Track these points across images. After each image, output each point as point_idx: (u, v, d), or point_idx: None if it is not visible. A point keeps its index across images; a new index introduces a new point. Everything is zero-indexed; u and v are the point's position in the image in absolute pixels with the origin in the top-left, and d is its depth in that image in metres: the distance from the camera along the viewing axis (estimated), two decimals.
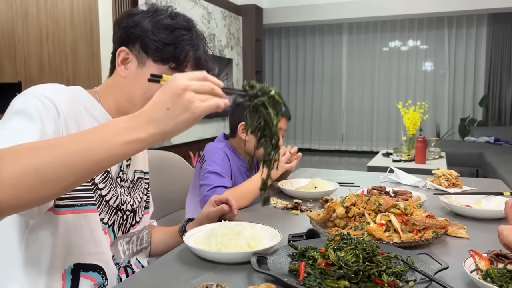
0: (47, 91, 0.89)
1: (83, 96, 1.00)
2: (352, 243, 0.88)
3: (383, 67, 8.54)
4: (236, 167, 1.64)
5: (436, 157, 4.21)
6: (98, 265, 1.00)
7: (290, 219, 1.35)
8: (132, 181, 1.15)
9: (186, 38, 1.01)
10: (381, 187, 1.52)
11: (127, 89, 1.02)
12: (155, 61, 1.00)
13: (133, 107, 1.00)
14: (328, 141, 9.02)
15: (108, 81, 1.07)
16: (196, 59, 1.03)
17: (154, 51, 0.99)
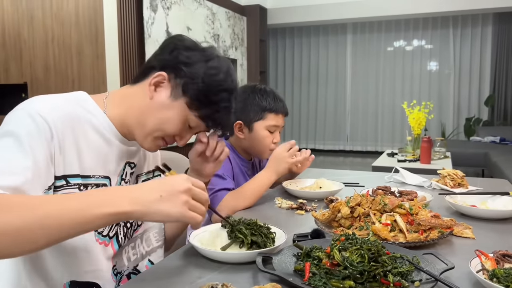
0: (44, 109, 0.87)
1: (86, 105, 0.98)
2: (357, 243, 0.88)
3: (387, 67, 8.52)
4: (237, 167, 1.64)
5: (441, 157, 4.20)
6: (95, 282, 0.99)
7: (295, 219, 1.35)
8: None
9: (227, 105, 1.01)
10: (386, 187, 1.52)
11: (144, 110, 0.99)
12: (189, 106, 0.99)
13: (139, 129, 1.01)
14: (332, 141, 9.01)
15: (128, 89, 1.04)
16: (224, 121, 1.05)
17: (194, 99, 0.98)
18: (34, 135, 0.84)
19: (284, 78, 9.20)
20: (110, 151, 1.01)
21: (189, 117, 1.00)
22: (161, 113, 0.99)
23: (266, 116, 1.61)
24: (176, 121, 0.99)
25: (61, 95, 0.96)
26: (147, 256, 1.16)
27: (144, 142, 1.02)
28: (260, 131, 1.61)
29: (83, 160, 0.95)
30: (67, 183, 0.91)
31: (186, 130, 1.03)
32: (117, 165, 1.04)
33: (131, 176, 1.10)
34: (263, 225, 1.02)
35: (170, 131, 1.00)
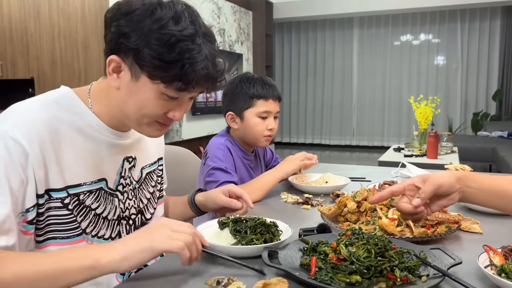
0: (14, 129, 0.82)
1: (69, 105, 0.91)
2: (363, 238, 0.87)
3: (394, 62, 8.45)
4: (239, 160, 1.63)
5: (448, 152, 4.17)
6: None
7: (301, 213, 1.34)
8: (139, 181, 1.09)
9: (194, 54, 0.83)
10: (393, 182, 1.51)
11: (120, 100, 0.91)
12: (151, 78, 0.85)
13: (128, 120, 0.94)
14: (338, 136, 8.98)
15: (103, 81, 0.96)
16: (205, 74, 0.86)
17: (151, 69, 0.83)
18: (7, 163, 0.80)
19: (290, 72, 9.17)
20: (102, 151, 0.96)
21: (161, 90, 0.86)
22: (134, 99, 0.89)
23: (255, 103, 1.59)
24: (151, 101, 0.88)
25: (38, 98, 0.90)
26: None
27: (142, 131, 0.96)
28: (251, 119, 1.60)
29: (69, 170, 0.90)
30: (49, 197, 0.88)
31: (171, 102, 0.90)
32: (114, 163, 1.00)
33: (130, 171, 1.05)
34: (270, 223, 1.01)
35: (152, 112, 0.90)
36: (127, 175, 1.04)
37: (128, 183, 1.04)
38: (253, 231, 0.97)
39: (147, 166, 1.13)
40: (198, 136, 5.50)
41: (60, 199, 0.89)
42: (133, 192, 1.07)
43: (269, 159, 1.89)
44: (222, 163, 1.51)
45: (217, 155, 1.53)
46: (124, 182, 1.03)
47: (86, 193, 0.94)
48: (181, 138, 5.17)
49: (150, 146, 1.14)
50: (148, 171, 1.14)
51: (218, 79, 0.92)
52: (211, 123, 5.76)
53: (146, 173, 1.12)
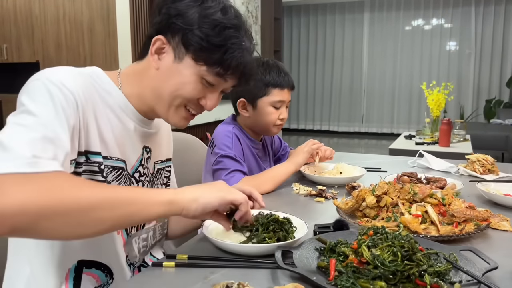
0: (67, 80, 0.81)
1: (101, 82, 0.91)
2: (388, 239, 0.79)
3: (405, 47, 8.26)
4: (247, 148, 1.55)
5: (461, 140, 4.09)
6: (104, 263, 0.93)
7: (314, 207, 1.26)
8: (153, 174, 1.07)
9: (237, 42, 0.89)
10: (412, 173, 1.42)
11: (156, 82, 0.92)
12: (195, 60, 0.89)
13: (159, 102, 0.93)
14: (347, 123, 8.85)
15: (136, 65, 0.97)
16: (243, 64, 0.92)
17: (197, 49, 0.88)
18: (64, 104, 0.79)
19: (298, 57, 9.01)
20: (126, 133, 0.95)
21: (202, 73, 0.90)
22: (173, 79, 0.91)
23: (270, 91, 1.51)
24: (190, 82, 0.90)
25: (75, 68, 0.89)
26: (151, 249, 1.10)
27: (169, 116, 0.95)
28: (264, 108, 1.51)
29: (102, 137, 0.89)
30: (87, 160, 0.86)
31: (207, 89, 0.93)
32: (135, 148, 0.98)
33: (148, 161, 1.04)
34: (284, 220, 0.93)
35: (188, 95, 0.92)
36: (145, 165, 1.02)
37: (145, 173, 1.02)
38: (265, 229, 0.89)
39: (159, 162, 1.10)
40: (204, 122, 5.42)
41: (98, 163, 0.88)
42: (149, 185, 1.04)
43: (277, 148, 1.80)
44: (231, 151, 1.43)
45: (225, 143, 1.45)
46: (142, 171, 1.00)
47: (109, 168, 0.91)
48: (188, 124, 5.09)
49: (163, 143, 1.12)
50: (159, 168, 1.11)
51: (252, 73, 0.97)
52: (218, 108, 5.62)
53: (157, 168, 1.10)
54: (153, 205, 0.76)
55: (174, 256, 0.88)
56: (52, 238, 0.75)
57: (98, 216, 0.69)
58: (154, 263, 0.86)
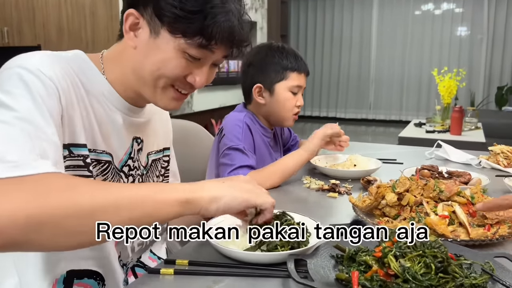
0: (44, 66, 0.71)
1: (82, 67, 0.81)
2: (416, 246, 0.69)
3: (415, 32, 8.06)
4: (259, 138, 1.45)
5: (472, 128, 4.00)
6: (96, 270, 0.84)
7: (327, 203, 1.16)
8: (146, 167, 0.98)
9: (217, 4, 0.76)
10: (433, 166, 1.31)
11: (135, 63, 0.82)
12: (172, 32, 0.77)
13: (142, 85, 0.83)
14: (355, 109, 8.70)
15: (117, 46, 0.87)
16: (229, 30, 0.78)
17: (172, 20, 0.76)
18: (43, 94, 0.69)
19: (305, 42, 8.83)
20: (112, 124, 0.85)
21: (182, 47, 0.78)
22: (152, 57, 0.79)
23: (289, 75, 1.42)
24: (171, 59, 0.79)
25: (53, 52, 0.79)
26: (150, 246, 1.01)
27: (156, 99, 0.84)
28: (282, 93, 1.42)
29: (86, 128, 0.80)
30: (70, 153, 0.77)
31: (192, 64, 0.81)
32: (122, 140, 0.88)
33: (138, 153, 0.94)
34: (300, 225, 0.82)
35: (171, 73, 0.80)
36: (135, 157, 0.92)
37: (136, 167, 0.93)
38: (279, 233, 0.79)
39: (153, 153, 1.00)
40: (209, 108, 5.32)
41: (83, 157, 0.79)
42: (141, 179, 0.95)
43: (287, 138, 1.69)
44: (240, 143, 1.32)
45: (234, 133, 1.35)
46: (131, 164, 0.91)
47: (93, 161, 0.82)
48: (192, 110, 5.00)
49: (158, 132, 1.02)
50: (154, 159, 1.01)
51: (243, 39, 0.83)
52: (223, 94, 5.57)
53: (152, 160, 1.00)
54: (166, 205, 0.67)
55: (173, 261, 0.79)
56: (49, 249, 0.65)
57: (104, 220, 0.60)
58: (151, 270, 0.76)
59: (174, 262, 0.78)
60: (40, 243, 0.58)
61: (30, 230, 0.55)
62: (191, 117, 4.71)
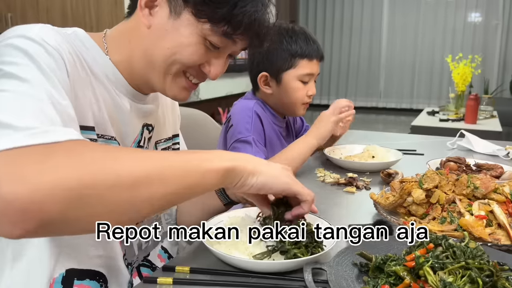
0: (47, 36, 0.63)
1: (84, 46, 0.73)
2: (455, 255, 0.58)
3: (427, 18, 7.83)
4: (270, 128, 1.34)
5: (488, 116, 3.89)
6: (99, 271, 0.75)
7: (344, 199, 1.05)
8: None
9: None
10: (460, 159, 1.19)
11: (147, 44, 0.73)
12: (197, 16, 0.70)
13: (152, 70, 0.75)
14: (365, 98, 8.53)
15: (123, 25, 0.78)
16: (258, 22, 0.72)
17: (198, 2, 0.69)
18: (52, 65, 0.61)
19: (315, 28, 8.64)
20: (118, 109, 0.77)
21: (205, 33, 0.71)
22: (168, 40, 0.71)
23: (298, 63, 1.28)
24: (189, 44, 0.71)
25: (49, 25, 0.69)
26: (160, 242, 0.93)
27: (166, 87, 0.77)
28: (291, 83, 1.29)
29: (93, 111, 0.72)
30: None
31: (211, 53, 0.74)
32: (131, 128, 0.80)
33: (148, 142, 0.85)
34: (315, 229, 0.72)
35: (188, 60, 0.73)
36: (145, 146, 0.85)
37: None
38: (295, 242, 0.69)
39: (162, 141, 0.92)
40: (216, 96, 5.22)
41: (91, 140, 0.69)
42: None
43: (299, 127, 1.58)
44: (249, 134, 1.21)
45: (243, 124, 1.24)
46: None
47: None
48: (198, 98, 4.89)
49: (167, 118, 0.94)
50: (163, 147, 0.92)
51: (267, 32, 0.76)
52: (230, 82, 5.45)
53: (161, 149, 0.91)
54: (213, 174, 0.60)
55: (172, 268, 0.69)
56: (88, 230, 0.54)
57: (146, 194, 0.53)
58: (147, 278, 0.67)
59: (173, 269, 0.69)
60: (79, 221, 0.50)
61: (71, 206, 0.47)
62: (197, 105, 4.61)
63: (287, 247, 0.66)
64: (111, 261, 0.78)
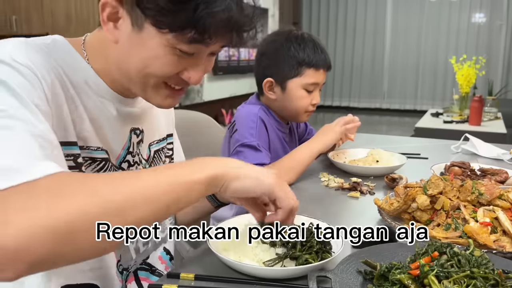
0: (18, 55, 0.62)
1: (64, 55, 0.71)
2: (460, 263, 0.58)
3: (431, 19, 7.79)
4: (274, 133, 1.34)
5: (492, 118, 3.89)
6: (94, 284, 0.75)
7: (348, 204, 1.05)
8: (148, 159, 0.89)
9: None
10: (464, 163, 1.19)
11: (118, 57, 0.71)
12: (157, 26, 0.65)
13: (130, 83, 0.73)
14: (368, 99, 8.51)
15: (98, 33, 0.75)
16: (227, 20, 0.65)
17: (155, 13, 0.63)
18: (30, 89, 0.60)
19: (318, 29, 8.63)
20: (104, 117, 0.76)
21: (171, 43, 0.66)
22: (137, 54, 0.68)
23: (304, 71, 1.28)
24: (159, 57, 0.67)
25: (23, 39, 0.68)
26: (162, 244, 0.92)
27: (148, 97, 0.75)
28: (295, 91, 1.29)
29: (75, 124, 0.71)
30: None
31: (185, 60, 0.69)
32: (118, 134, 0.79)
33: (138, 146, 0.84)
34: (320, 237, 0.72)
35: (161, 71, 0.69)
36: (135, 151, 0.84)
37: (137, 162, 0.84)
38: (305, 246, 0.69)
39: (155, 143, 0.91)
40: (219, 97, 5.22)
41: (73, 156, 0.70)
42: None
43: (302, 131, 1.58)
44: (254, 139, 1.22)
45: (248, 129, 1.24)
46: (131, 160, 0.83)
47: (87, 160, 0.74)
48: (202, 100, 4.90)
49: (159, 119, 0.93)
50: (156, 149, 0.91)
51: (245, 27, 0.70)
52: (234, 83, 5.45)
53: (154, 150, 0.90)
54: (193, 186, 0.59)
55: (177, 274, 0.69)
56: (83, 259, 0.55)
57: (133, 218, 0.53)
58: (152, 285, 0.67)
59: (178, 276, 0.69)
60: (71, 255, 0.50)
61: (58, 244, 0.47)
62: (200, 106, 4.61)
63: (298, 253, 0.66)
64: (105, 271, 0.77)
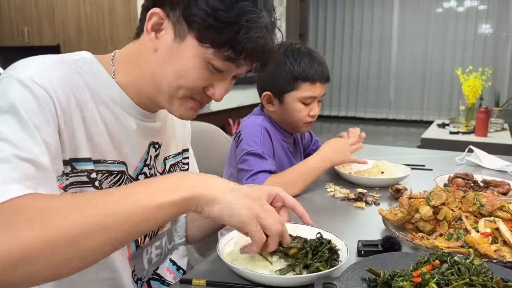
0: (39, 76, 0.66)
1: (90, 71, 0.75)
2: (460, 271, 0.61)
3: (437, 30, 7.84)
4: (278, 143, 1.37)
5: (499, 129, 3.89)
6: None
7: (353, 214, 1.08)
8: (163, 173, 0.92)
9: (253, 18, 0.70)
10: (467, 175, 1.22)
11: (154, 67, 0.76)
12: (200, 40, 0.71)
13: (158, 94, 0.77)
14: (374, 109, 8.53)
15: (132, 47, 0.80)
16: (262, 47, 0.73)
17: (202, 27, 0.70)
18: (37, 112, 0.64)
19: (324, 40, 8.70)
20: (123, 131, 0.79)
21: (207, 57, 0.72)
22: (173, 64, 0.73)
23: (300, 85, 1.29)
24: (193, 69, 0.73)
25: (54, 56, 0.73)
26: (168, 255, 0.95)
27: (173, 109, 0.79)
28: (292, 104, 1.31)
29: (92, 139, 0.74)
30: (72, 169, 0.72)
31: (214, 76, 0.76)
32: (137, 147, 0.82)
33: (155, 159, 0.88)
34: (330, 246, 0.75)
35: (192, 83, 0.75)
36: (152, 164, 0.87)
37: (152, 174, 0.88)
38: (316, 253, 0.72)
39: (171, 157, 0.94)
40: (227, 108, 5.27)
41: (87, 172, 0.73)
42: None
43: (307, 142, 1.61)
44: (259, 148, 1.25)
45: (253, 138, 1.27)
46: (148, 172, 0.86)
47: (104, 173, 0.77)
48: (209, 110, 4.95)
49: (176, 134, 0.96)
50: (172, 163, 0.95)
51: (271, 56, 0.77)
52: (240, 94, 5.50)
53: (170, 165, 0.94)
54: (161, 208, 0.58)
55: (189, 280, 0.72)
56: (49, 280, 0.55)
57: (85, 247, 0.53)
58: None
59: (190, 281, 0.72)
60: (30, 280, 0.52)
61: (16, 270, 0.49)
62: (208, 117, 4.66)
63: (309, 261, 0.69)
64: (119, 281, 0.80)
